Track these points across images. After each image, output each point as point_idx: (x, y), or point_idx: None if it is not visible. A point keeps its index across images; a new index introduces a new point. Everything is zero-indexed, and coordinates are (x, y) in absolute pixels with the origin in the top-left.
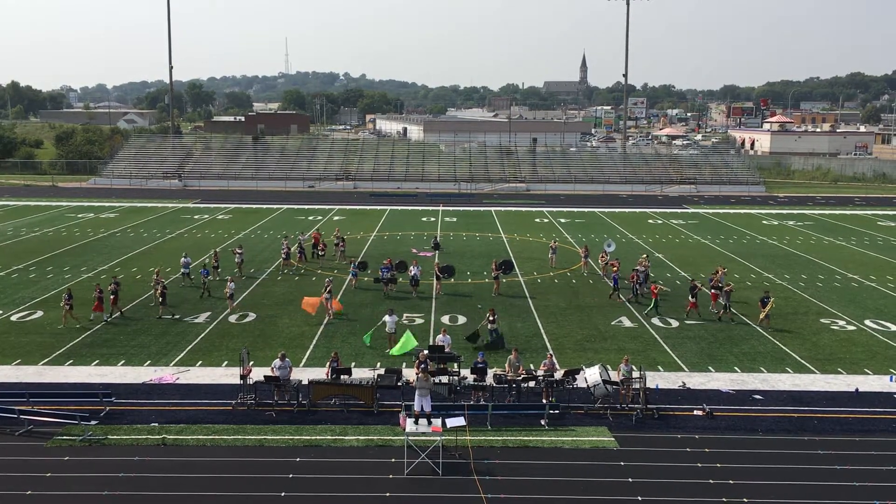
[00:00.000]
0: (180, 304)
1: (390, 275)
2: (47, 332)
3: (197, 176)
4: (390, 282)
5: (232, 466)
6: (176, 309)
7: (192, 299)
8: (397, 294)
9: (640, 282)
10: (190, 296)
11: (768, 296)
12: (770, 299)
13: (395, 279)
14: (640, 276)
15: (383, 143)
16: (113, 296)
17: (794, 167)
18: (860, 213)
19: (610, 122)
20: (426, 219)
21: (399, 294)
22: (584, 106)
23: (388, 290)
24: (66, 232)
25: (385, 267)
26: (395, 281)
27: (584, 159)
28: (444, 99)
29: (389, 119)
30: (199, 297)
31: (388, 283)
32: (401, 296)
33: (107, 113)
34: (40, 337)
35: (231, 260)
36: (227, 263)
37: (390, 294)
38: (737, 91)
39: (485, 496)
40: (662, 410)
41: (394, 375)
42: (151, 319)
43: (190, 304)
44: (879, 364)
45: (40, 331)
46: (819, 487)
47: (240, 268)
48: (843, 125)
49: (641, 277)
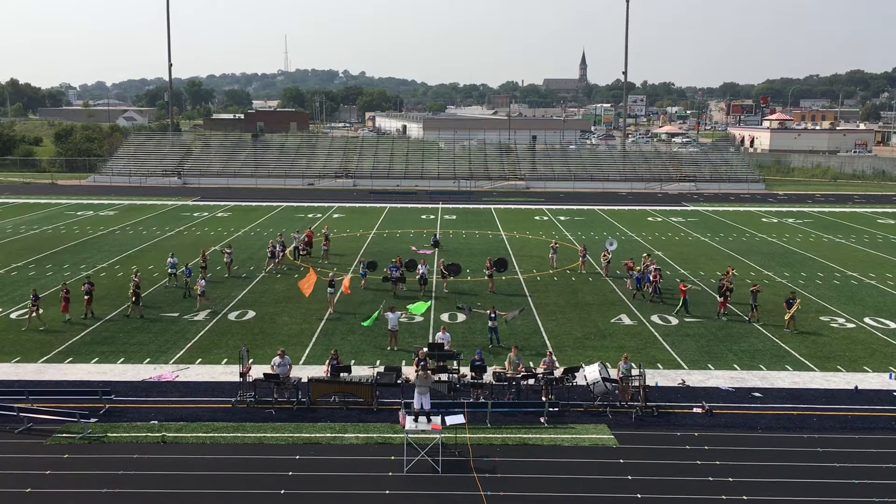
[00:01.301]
0: (175, 304)
1: (399, 273)
2: (47, 329)
3: (196, 174)
4: (399, 281)
5: (231, 464)
6: (169, 308)
7: (178, 298)
8: (406, 293)
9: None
10: (178, 295)
11: (794, 297)
12: (796, 300)
13: (403, 278)
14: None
15: (383, 141)
16: (87, 296)
17: (794, 165)
18: (859, 211)
19: (610, 119)
20: (426, 216)
21: (407, 294)
22: (584, 103)
23: (397, 290)
24: (65, 230)
25: (394, 266)
26: (404, 280)
27: (584, 157)
28: (444, 96)
29: (389, 117)
30: (182, 296)
31: (398, 282)
32: (410, 294)
33: (106, 111)
34: (39, 334)
35: (220, 260)
36: (226, 263)
37: (399, 293)
38: (736, 88)
39: (484, 494)
40: (662, 408)
41: (393, 373)
42: (151, 317)
43: (186, 303)
44: (879, 362)
45: (40, 329)
46: (818, 485)
47: (228, 268)
48: (843, 123)
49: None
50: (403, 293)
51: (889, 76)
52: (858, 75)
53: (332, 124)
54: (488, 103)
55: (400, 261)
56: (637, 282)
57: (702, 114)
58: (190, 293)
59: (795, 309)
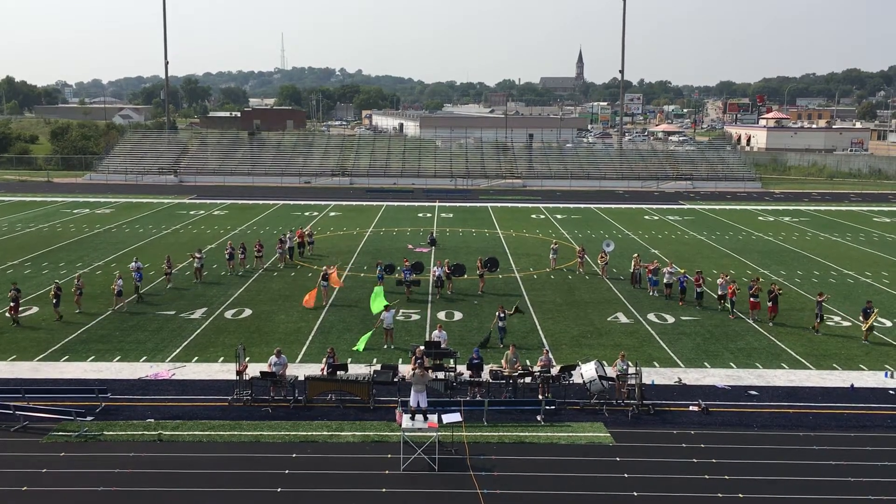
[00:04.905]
0: (171, 303)
1: (413, 277)
2: (43, 327)
3: (193, 172)
4: (413, 284)
5: (228, 462)
6: (166, 306)
7: (173, 296)
8: (419, 297)
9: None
10: (169, 294)
11: (871, 306)
12: (874, 310)
13: (418, 281)
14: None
15: (379, 139)
16: (56, 299)
17: (790, 163)
18: (856, 210)
19: (606, 118)
20: (422, 215)
21: (419, 297)
22: (581, 102)
23: (409, 294)
24: (61, 228)
25: (407, 269)
26: (418, 283)
27: (581, 155)
28: (441, 95)
29: (386, 115)
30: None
31: (411, 285)
32: (422, 298)
33: (102, 108)
34: (36, 332)
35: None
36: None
37: (411, 297)
38: (733, 87)
39: (481, 492)
40: (658, 406)
41: (390, 371)
42: (147, 316)
43: (182, 301)
44: (874, 360)
45: (36, 326)
46: (814, 483)
47: (198, 273)
48: (839, 121)
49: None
50: (415, 297)
51: (885, 75)
52: (855, 74)
53: (329, 122)
54: (485, 101)
55: (406, 262)
56: (652, 283)
57: (698, 112)
58: (141, 298)
59: (874, 319)
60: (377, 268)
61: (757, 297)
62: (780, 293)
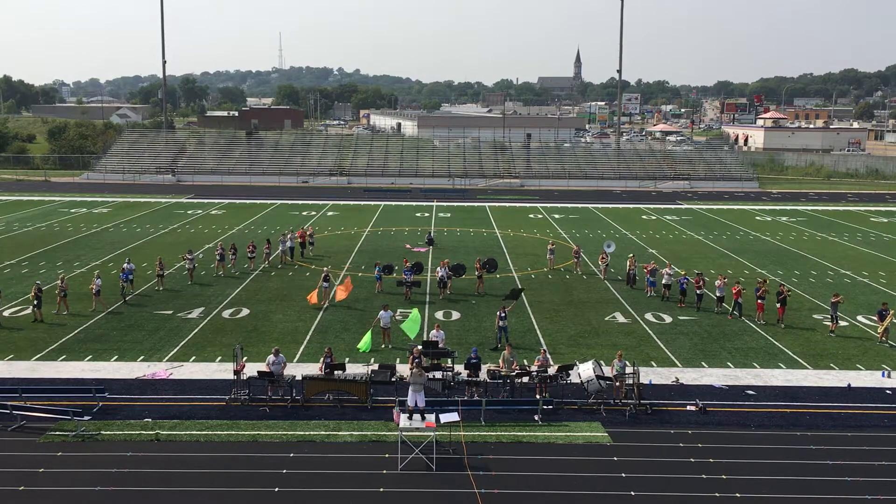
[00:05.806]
0: (168, 302)
1: (413, 278)
2: (40, 327)
3: (190, 171)
4: (413, 285)
5: (225, 462)
6: (163, 306)
7: (170, 296)
8: (418, 298)
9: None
10: (167, 294)
11: (886, 308)
12: (889, 312)
13: (418, 283)
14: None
15: (377, 139)
16: (36, 300)
17: (788, 163)
18: (853, 210)
19: (604, 117)
20: (420, 214)
21: (419, 298)
22: (579, 102)
23: (409, 295)
24: (58, 227)
25: (408, 270)
26: (418, 284)
27: (578, 155)
28: (439, 94)
29: (383, 114)
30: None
31: (412, 286)
32: (421, 300)
33: (100, 108)
34: (33, 332)
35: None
36: (188, 270)
37: (411, 298)
38: (731, 87)
39: (478, 491)
40: (655, 406)
41: (387, 371)
42: (145, 315)
43: (180, 301)
44: (871, 360)
45: (33, 326)
46: (811, 482)
47: (190, 274)
48: (837, 121)
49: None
50: (414, 297)
51: (882, 75)
52: (852, 74)
53: (327, 122)
54: (483, 101)
55: (406, 262)
56: (651, 284)
57: (696, 112)
58: (126, 300)
59: (889, 321)
60: (375, 268)
61: (764, 298)
62: (789, 294)
